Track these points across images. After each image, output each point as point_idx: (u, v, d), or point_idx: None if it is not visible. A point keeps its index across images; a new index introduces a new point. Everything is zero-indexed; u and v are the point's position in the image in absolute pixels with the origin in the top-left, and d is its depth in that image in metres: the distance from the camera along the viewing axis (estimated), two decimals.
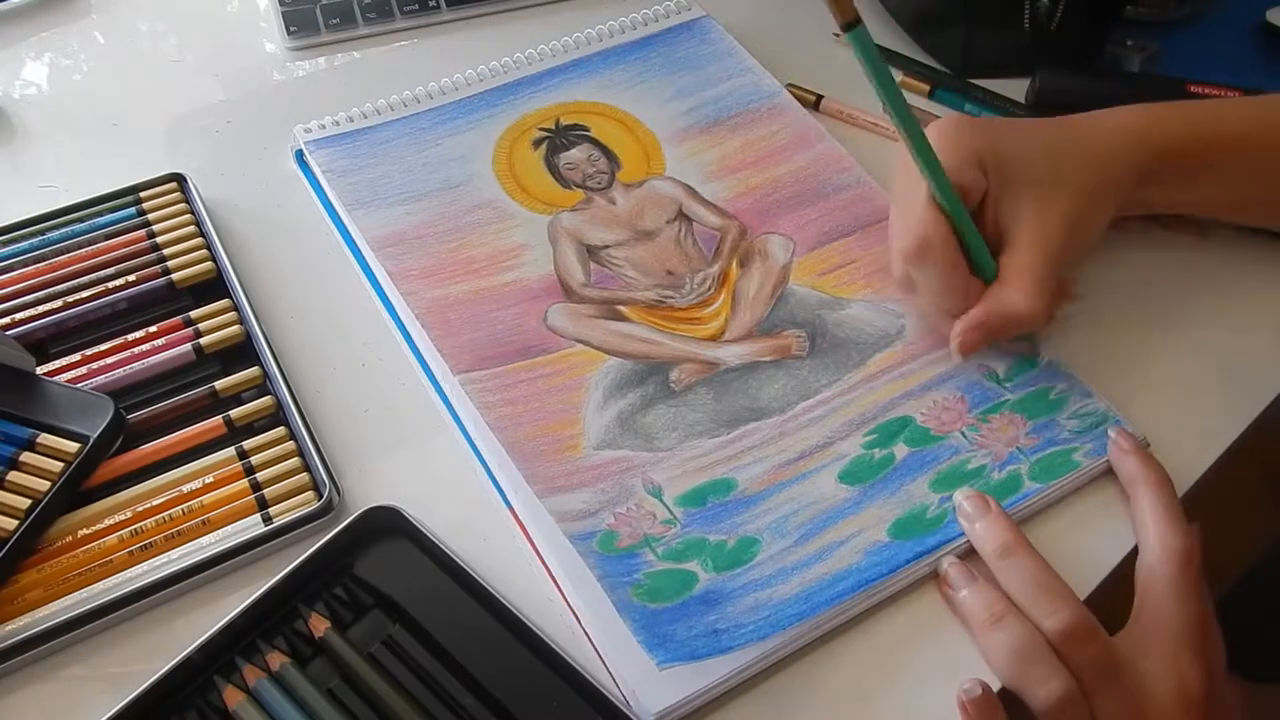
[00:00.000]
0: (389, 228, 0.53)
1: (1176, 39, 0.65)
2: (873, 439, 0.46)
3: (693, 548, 0.42)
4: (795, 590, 0.41)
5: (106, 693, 0.38)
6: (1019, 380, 0.48)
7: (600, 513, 0.43)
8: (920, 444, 0.46)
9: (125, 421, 0.45)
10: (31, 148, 0.60)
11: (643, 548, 0.42)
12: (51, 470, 0.43)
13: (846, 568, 0.42)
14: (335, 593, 0.41)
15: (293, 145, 0.57)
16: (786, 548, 0.42)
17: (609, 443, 0.45)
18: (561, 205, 0.55)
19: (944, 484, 0.44)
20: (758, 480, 0.44)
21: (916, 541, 0.42)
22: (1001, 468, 0.45)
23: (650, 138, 0.58)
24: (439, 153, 0.56)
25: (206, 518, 0.43)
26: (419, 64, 0.64)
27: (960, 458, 0.45)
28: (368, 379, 0.49)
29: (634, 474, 0.44)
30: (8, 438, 0.45)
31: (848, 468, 0.45)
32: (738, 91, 0.61)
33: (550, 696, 0.39)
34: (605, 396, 0.47)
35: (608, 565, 0.41)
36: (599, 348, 0.49)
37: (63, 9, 0.68)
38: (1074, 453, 0.45)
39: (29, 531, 0.42)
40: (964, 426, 0.46)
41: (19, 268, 0.52)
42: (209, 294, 0.51)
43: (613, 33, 0.63)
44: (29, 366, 0.46)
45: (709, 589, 0.41)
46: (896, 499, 0.44)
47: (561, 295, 0.51)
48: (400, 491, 0.45)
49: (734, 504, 0.44)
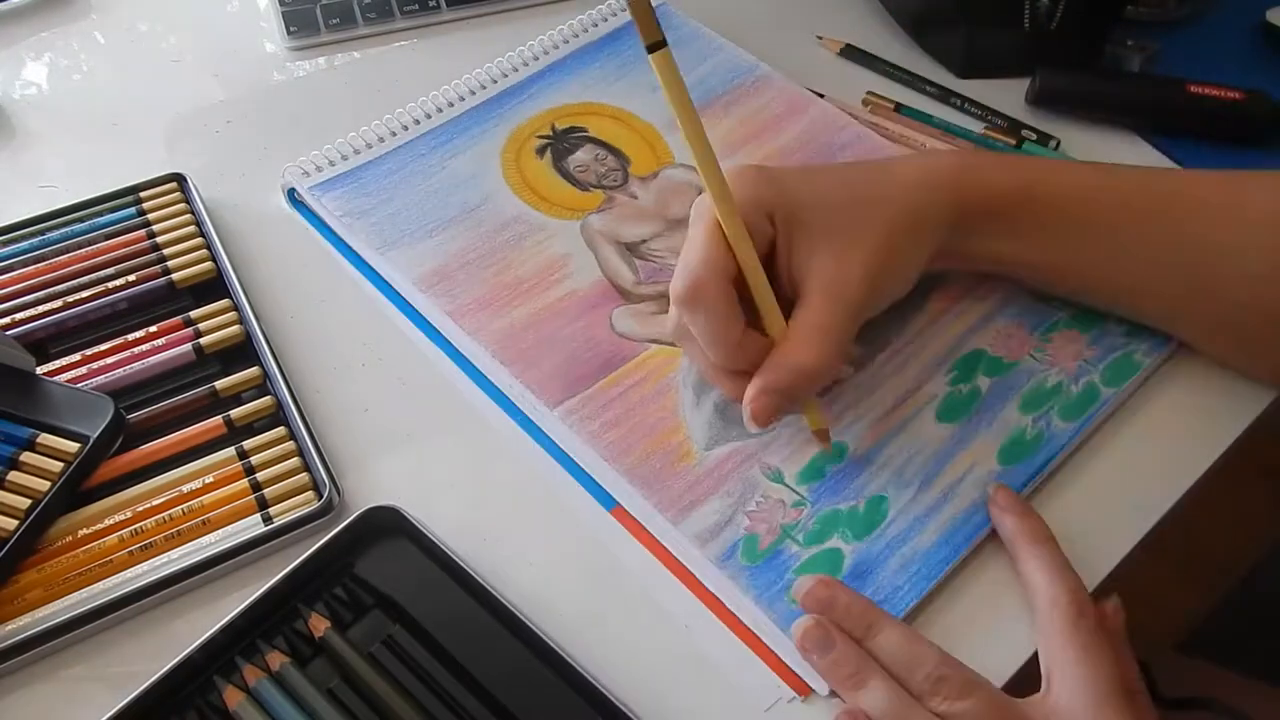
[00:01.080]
0: (428, 264, 0.51)
1: (1176, 39, 0.65)
2: (955, 375, 0.48)
3: (829, 522, 0.43)
4: (934, 537, 0.43)
5: (106, 693, 0.38)
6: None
7: (735, 518, 0.43)
8: (998, 373, 0.48)
9: (125, 421, 0.45)
10: (31, 148, 0.60)
11: (784, 541, 0.43)
12: (51, 470, 0.43)
13: (972, 503, 0.44)
14: (335, 593, 0.41)
15: (284, 184, 0.55)
16: (913, 497, 0.44)
17: (717, 439, 0.46)
18: (586, 208, 0.55)
19: (1031, 405, 0.47)
20: (864, 437, 0.46)
21: (1026, 464, 0.45)
22: (1077, 380, 0.47)
23: (649, 128, 0.58)
24: (447, 177, 0.55)
25: (206, 518, 0.43)
26: (419, 64, 0.64)
27: (1037, 378, 0.48)
28: (368, 379, 0.49)
29: (751, 464, 0.45)
30: (8, 438, 0.45)
31: (942, 407, 0.47)
32: (719, 71, 0.61)
33: (550, 696, 0.39)
34: (696, 393, 0.47)
35: (758, 578, 0.42)
36: (671, 343, 0.49)
37: (63, 9, 0.68)
38: (1134, 354, 0.48)
39: (29, 531, 0.42)
40: (1031, 349, 0.49)
41: (19, 268, 0.52)
42: (209, 294, 0.51)
43: (576, 33, 0.63)
44: (29, 366, 0.46)
45: (857, 561, 0.42)
46: (995, 428, 0.46)
47: (618, 298, 0.51)
48: (400, 491, 0.45)
49: (851, 467, 0.45)
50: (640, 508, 0.44)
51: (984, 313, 0.50)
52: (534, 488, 0.46)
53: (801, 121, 0.59)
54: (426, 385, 0.49)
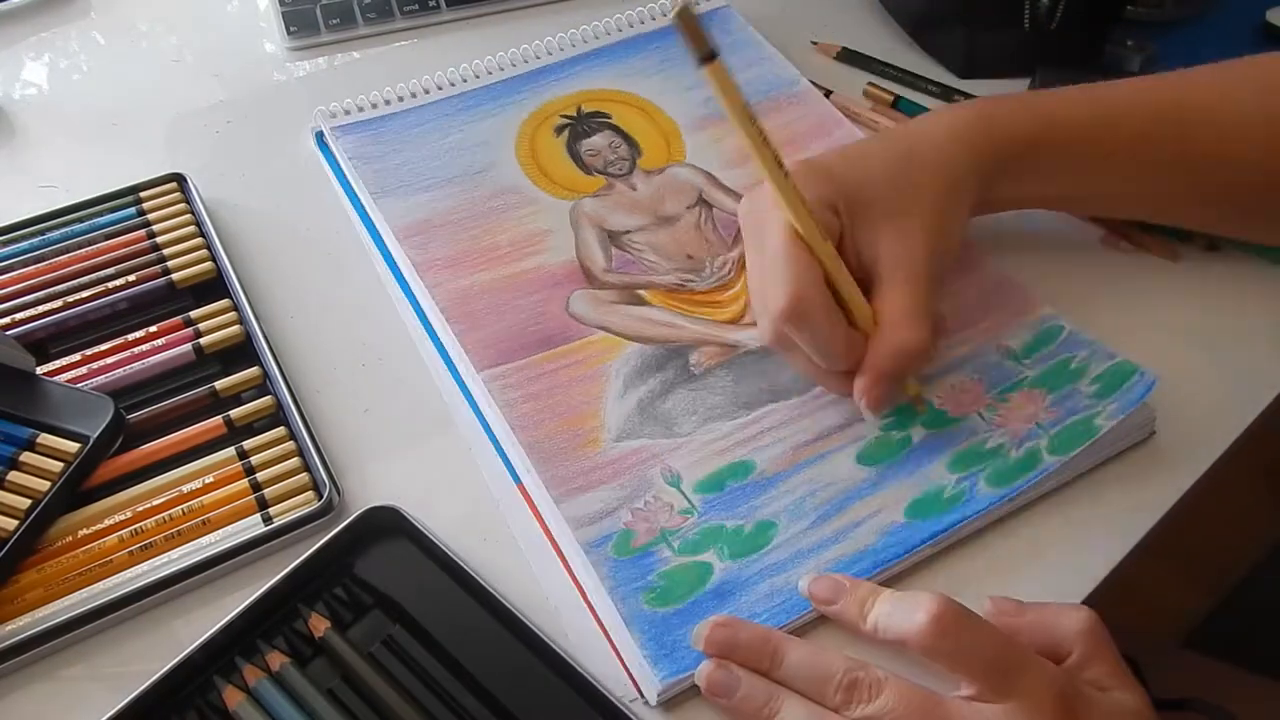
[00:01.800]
0: (414, 216, 0.53)
1: (1176, 39, 0.65)
2: (890, 420, 0.46)
3: (709, 536, 0.42)
4: (811, 574, 0.41)
5: (106, 693, 0.38)
6: (1038, 354, 0.48)
7: (618, 511, 0.43)
8: (937, 426, 0.46)
9: (125, 421, 0.45)
10: (31, 148, 0.60)
11: (659, 544, 0.42)
12: (51, 470, 0.43)
13: (863, 549, 0.42)
14: (335, 593, 0.41)
15: (313, 126, 0.58)
16: (803, 530, 0.43)
17: (629, 433, 0.46)
18: (583, 191, 0.55)
19: (961, 464, 0.44)
20: (777, 461, 0.45)
21: (934, 520, 0.43)
22: (1019, 445, 0.45)
23: (671, 125, 0.59)
24: (462, 139, 0.57)
25: (206, 518, 0.43)
26: (419, 64, 0.64)
27: (978, 438, 0.45)
28: (368, 379, 0.49)
29: (653, 463, 0.45)
30: (8, 438, 0.45)
31: (866, 449, 0.45)
32: (758, 80, 0.61)
33: (550, 696, 0.39)
34: (625, 385, 0.47)
35: (620, 571, 0.41)
36: (619, 333, 0.49)
37: (63, 9, 0.68)
38: (1095, 418, 0.45)
39: (29, 532, 0.42)
40: (981, 408, 0.46)
41: (19, 268, 0.52)
42: (209, 294, 0.51)
43: (632, 23, 0.64)
44: (29, 366, 0.46)
45: (724, 580, 0.41)
46: (914, 479, 0.44)
47: (583, 281, 0.51)
48: (400, 491, 0.45)
49: (752, 487, 0.44)
50: (532, 482, 0.44)
51: (943, 364, 0.48)
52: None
53: (825, 142, 0.58)
54: (427, 385, 0.49)
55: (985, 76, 0.63)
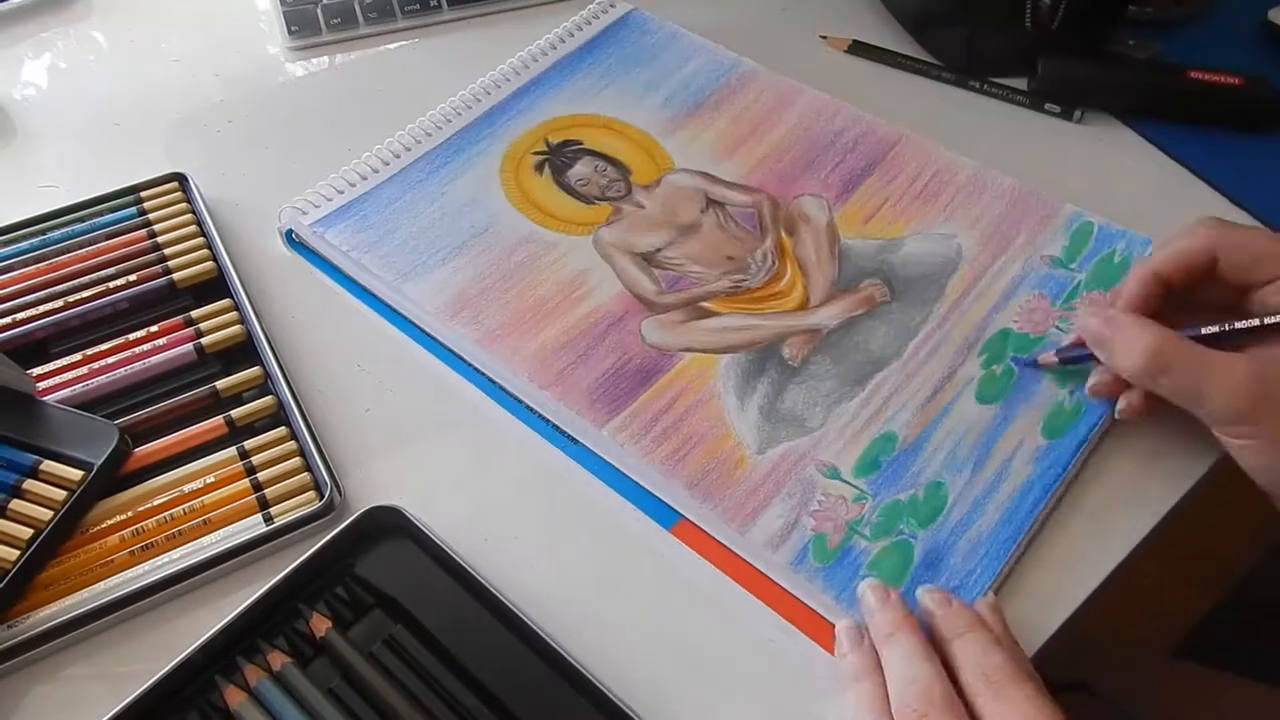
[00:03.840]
0: (448, 291, 0.51)
1: (1177, 39, 0.65)
2: (987, 357, 0.48)
3: (892, 514, 0.43)
4: (996, 516, 0.43)
5: (107, 693, 0.38)
6: (1082, 256, 0.51)
7: (800, 519, 0.43)
8: (1026, 349, 0.48)
9: (130, 448, 0.45)
10: (32, 148, 0.60)
11: (852, 537, 0.43)
12: (54, 499, 0.42)
13: (1027, 479, 0.44)
14: (336, 592, 0.41)
15: (280, 227, 0.54)
16: (969, 480, 0.44)
17: (768, 441, 0.46)
18: (594, 222, 0.54)
19: (1064, 379, 0.47)
20: (911, 425, 0.46)
21: (1070, 435, 0.45)
22: None
23: (643, 136, 0.58)
24: (448, 201, 0.55)
25: (207, 518, 0.43)
26: (420, 64, 0.64)
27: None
28: (369, 379, 0.49)
29: (805, 463, 0.45)
30: (10, 464, 0.44)
31: (980, 388, 0.47)
32: (702, 71, 0.62)
33: (551, 696, 0.39)
34: (739, 397, 0.47)
35: (833, 576, 0.42)
36: (705, 350, 0.49)
37: (63, 9, 0.68)
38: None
39: (30, 561, 0.41)
40: (1055, 320, 0.49)
41: (19, 268, 0.52)
42: (210, 294, 0.51)
43: (555, 45, 0.63)
44: (29, 389, 0.46)
45: (927, 550, 0.42)
46: (1034, 404, 0.46)
47: (643, 309, 0.50)
48: (402, 491, 0.45)
49: (903, 456, 0.45)
50: (706, 519, 0.43)
51: (1003, 289, 0.50)
52: (549, 491, 0.45)
53: (794, 112, 0.59)
54: (428, 385, 0.49)
55: (987, 75, 0.63)
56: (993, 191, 0.54)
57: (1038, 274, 0.51)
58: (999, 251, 0.52)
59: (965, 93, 0.63)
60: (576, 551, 0.44)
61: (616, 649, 0.41)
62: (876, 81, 0.64)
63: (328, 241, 0.53)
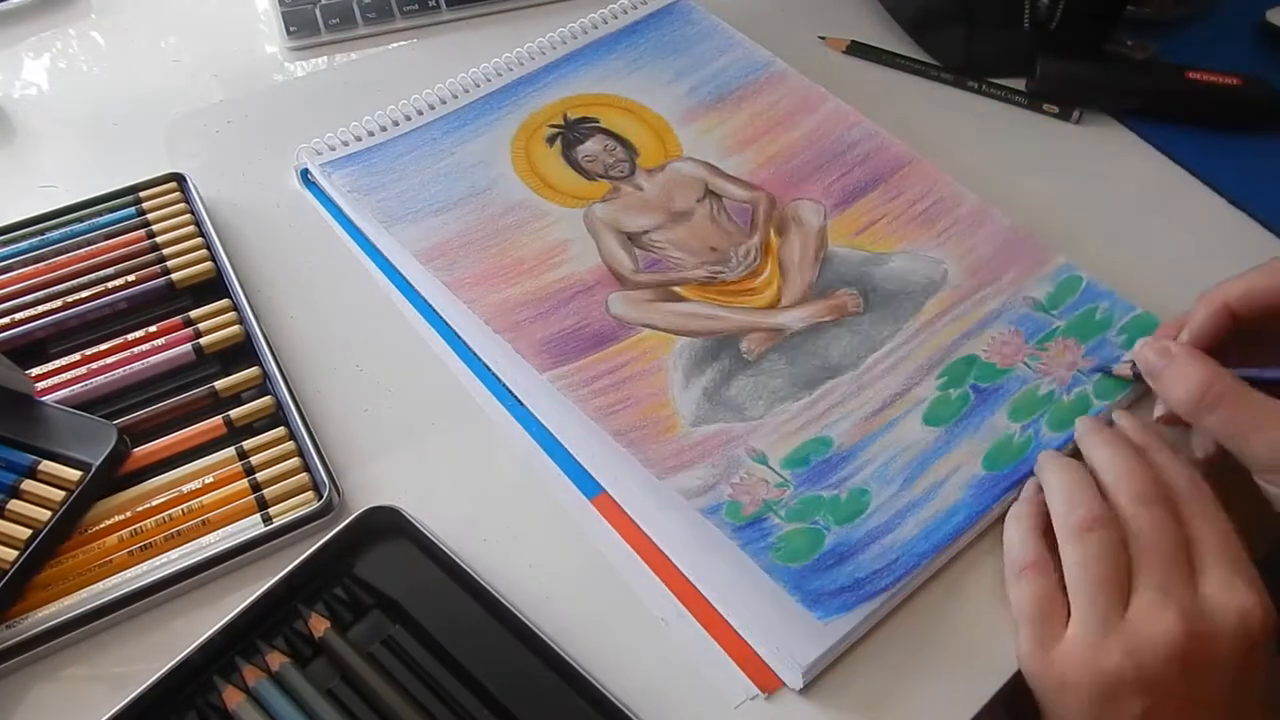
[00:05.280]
0: (431, 239, 0.53)
1: (1176, 39, 0.66)
2: (945, 380, 0.48)
3: (810, 505, 0.44)
4: (915, 531, 0.43)
5: (106, 693, 0.38)
6: (1064, 305, 0.50)
7: (718, 485, 0.44)
8: (990, 379, 0.48)
9: (128, 448, 0.45)
10: (31, 148, 0.60)
11: (766, 512, 0.43)
12: (53, 499, 0.42)
13: (954, 503, 0.44)
14: (335, 593, 0.41)
15: (296, 165, 0.57)
16: (895, 493, 0.44)
17: (704, 418, 0.46)
18: (590, 198, 0.55)
19: (1021, 413, 0.47)
20: (850, 434, 0.46)
21: (1010, 470, 0.45)
22: (1068, 390, 0.47)
23: (660, 121, 0.59)
24: (456, 161, 0.57)
25: (206, 518, 0.43)
26: (419, 64, 0.64)
27: (1029, 386, 0.48)
28: (368, 379, 0.49)
29: (736, 444, 0.45)
30: (9, 465, 0.44)
31: (930, 411, 0.47)
32: (733, 66, 0.62)
33: (550, 696, 0.39)
34: (686, 375, 0.48)
35: (743, 533, 0.42)
36: (665, 329, 0.50)
37: (63, 9, 0.68)
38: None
39: (28, 562, 0.41)
40: (1025, 357, 0.49)
41: (19, 268, 0.52)
42: (209, 294, 0.51)
43: (596, 25, 0.64)
44: (28, 389, 0.46)
45: (837, 543, 0.42)
46: (981, 433, 0.46)
47: (615, 284, 0.51)
48: (400, 491, 0.45)
49: (835, 460, 0.45)
50: (618, 464, 0.44)
51: (980, 318, 0.50)
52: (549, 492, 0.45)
53: (813, 119, 0.59)
54: (427, 385, 0.49)
55: (985, 76, 0.63)
56: (991, 228, 0.54)
57: (1017, 312, 0.50)
58: (984, 284, 0.51)
59: (964, 93, 0.63)
60: (577, 551, 0.44)
61: (616, 649, 0.41)
62: (875, 82, 0.64)
63: (332, 182, 0.55)
